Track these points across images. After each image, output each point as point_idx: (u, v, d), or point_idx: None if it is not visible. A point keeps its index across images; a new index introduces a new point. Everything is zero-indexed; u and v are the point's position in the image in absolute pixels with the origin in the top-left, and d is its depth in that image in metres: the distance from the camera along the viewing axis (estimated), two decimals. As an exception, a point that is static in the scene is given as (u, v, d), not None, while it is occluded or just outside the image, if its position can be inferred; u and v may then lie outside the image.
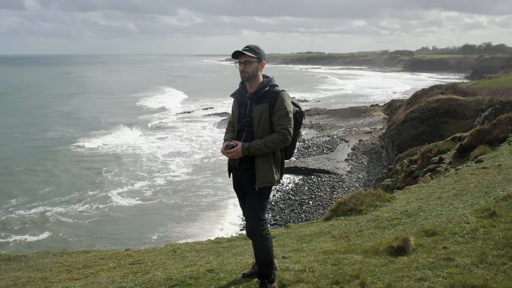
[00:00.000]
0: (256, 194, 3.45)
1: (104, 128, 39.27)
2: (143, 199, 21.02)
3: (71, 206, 19.85)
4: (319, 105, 53.66)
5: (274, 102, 3.41)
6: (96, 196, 21.15)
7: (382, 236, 4.99)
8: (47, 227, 17.59)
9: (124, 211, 19.46)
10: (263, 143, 3.34)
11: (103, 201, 20.46)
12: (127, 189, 22.30)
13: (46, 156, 28.84)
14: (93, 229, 17.52)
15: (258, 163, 3.42)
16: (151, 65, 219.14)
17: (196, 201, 20.76)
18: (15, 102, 58.41)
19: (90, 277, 5.07)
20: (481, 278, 3.17)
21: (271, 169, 3.44)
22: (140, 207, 19.95)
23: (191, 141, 34.43)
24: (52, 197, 21.01)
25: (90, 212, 19.15)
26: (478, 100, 25.90)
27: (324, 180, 23.29)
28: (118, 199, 20.81)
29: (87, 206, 19.89)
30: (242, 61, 3.47)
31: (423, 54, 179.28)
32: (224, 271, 4.03)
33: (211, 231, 16.94)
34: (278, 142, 3.36)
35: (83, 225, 17.87)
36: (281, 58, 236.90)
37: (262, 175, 3.41)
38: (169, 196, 21.48)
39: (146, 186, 22.96)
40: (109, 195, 21.24)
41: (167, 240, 15.64)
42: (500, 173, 7.34)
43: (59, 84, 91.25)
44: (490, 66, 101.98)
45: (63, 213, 18.92)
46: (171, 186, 23.10)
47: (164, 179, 24.27)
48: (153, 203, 20.46)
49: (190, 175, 25.13)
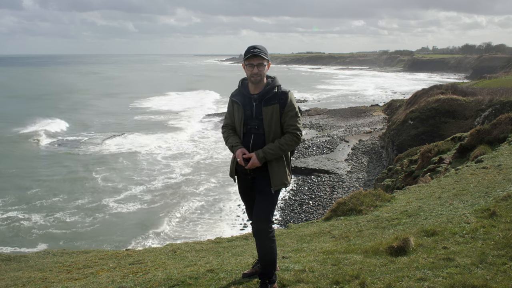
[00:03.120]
0: (268, 195, 3.42)
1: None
2: (143, 199, 21.02)
3: (72, 206, 19.86)
4: (319, 105, 53.66)
5: (284, 103, 3.37)
6: (96, 196, 21.15)
7: (382, 236, 4.99)
8: (47, 227, 17.59)
9: (124, 211, 19.45)
10: (278, 147, 3.31)
11: (103, 201, 20.46)
12: (127, 190, 22.29)
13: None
14: (93, 229, 17.52)
15: (272, 166, 3.39)
16: (159, 65, 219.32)
17: (196, 201, 20.76)
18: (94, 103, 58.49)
19: (90, 277, 5.07)
20: (481, 278, 3.17)
21: (285, 171, 3.43)
22: (140, 207, 19.94)
23: (194, 142, 34.47)
24: (53, 197, 21.02)
25: (90, 212, 19.14)
26: (478, 100, 25.90)
27: (324, 180, 23.29)
28: (118, 199, 20.81)
29: (87, 206, 19.90)
30: (255, 64, 3.34)
31: (423, 54, 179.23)
32: (224, 271, 4.03)
33: (211, 231, 16.95)
34: (292, 143, 3.35)
35: (83, 225, 17.87)
36: (281, 58, 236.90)
37: (278, 177, 3.39)
38: (169, 196, 21.48)
39: (147, 186, 22.95)
40: (109, 196, 21.24)
41: (167, 240, 15.64)
42: (500, 173, 7.34)
43: (98, 84, 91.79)
44: (490, 66, 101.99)
45: (64, 213, 18.93)
46: (171, 186, 23.09)
47: (164, 179, 24.26)
48: (153, 203, 20.45)
49: (191, 175, 25.13)
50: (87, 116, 47.91)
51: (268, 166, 3.39)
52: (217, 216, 18.83)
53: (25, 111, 48.97)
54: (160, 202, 20.64)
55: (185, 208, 19.78)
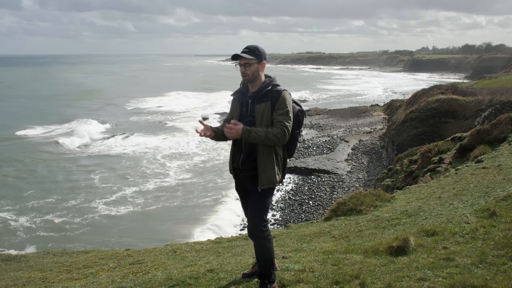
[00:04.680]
0: (259, 195, 3.45)
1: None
2: (144, 199, 21.01)
3: (72, 206, 19.86)
4: (319, 105, 53.67)
5: (276, 101, 3.41)
6: (96, 197, 21.15)
7: (382, 236, 4.99)
8: (47, 227, 17.59)
9: (124, 212, 19.45)
10: (264, 133, 3.29)
11: (103, 202, 20.46)
12: (128, 190, 22.29)
13: (37, 156, 28.86)
14: (93, 229, 17.51)
15: (260, 164, 3.41)
16: (165, 65, 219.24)
17: (196, 201, 20.76)
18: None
19: (90, 277, 5.07)
20: (481, 278, 3.17)
21: (273, 170, 3.43)
22: (140, 208, 19.94)
23: (193, 142, 34.48)
24: (53, 198, 21.02)
25: (90, 212, 19.14)
26: (478, 100, 25.90)
27: (324, 180, 23.29)
28: (118, 200, 20.81)
29: (87, 206, 19.90)
30: (242, 63, 3.46)
31: (423, 54, 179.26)
32: (224, 271, 4.03)
33: (211, 231, 16.94)
34: (278, 135, 3.31)
35: (84, 225, 17.86)
36: (281, 58, 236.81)
37: (265, 176, 3.41)
38: (169, 196, 21.47)
39: (147, 187, 22.96)
40: (109, 196, 21.24)
41: (167, 240, 15.63)
42: (500, 173, 7.34)
43: (119, 84, 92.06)
44: (490, 66, 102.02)
45: (64, 214, 18.92)
46: (172, 186, 23.09)
47: (164, 180, 24.26)
48: (154, 204, 20.45)
49: (191, 175, 25.13)
50: (118, 116, 48.06)
51: (257, 163, 3.41)
52: (218, 216, 18.81)
53: (55, 110, 49.66)
54: (161, 202, 20.64)
55: (186, 208, 19.78)
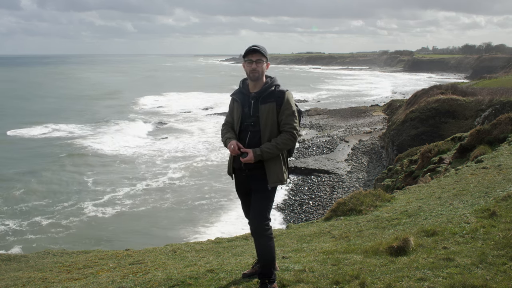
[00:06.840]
0: (265, 193, 3.44)
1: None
2: (144, 199, 21.02)
3: (72, 206, 19.85)
4: (319, 105, 53.67)
5: (281, 101, 3.41)
6: (96, 197, 21.15)
7: (382, 236, 4.98)
8: (47, 227, 17.59)
9: (124, 212, 19.45)
10: (275, 147, 3.33)
11: (103, 202, 20.46)
12: (128, 190, 22.30)
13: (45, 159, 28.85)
14: (93, 229, 17.52)
15: (268, 163, 3.41)
16: (171, 65, 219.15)
17: (197, 201, 20.76)
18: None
19: (90, 277, 5.07)
20: (481, 278, 3.17)
21: (281, 168, 3.45)
22: (140, 208, 19.95)
23: (193, 142, 34.47)
24: (53, 197, 21.02)
25: (90, 213, 19.14)
26: (478, 100, 25.89)
27: (324, 180, 23.28)
28: (118, 200, 20.81)
29: (87, 206, 19.89)
30: (254, 60, 3.41)
31: (423, 54, 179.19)
32: (224, 271, 4.03)
33: (211, 231, 16.94)
34: (288, 142, 3.37)
35: (84, 225, 17.87)
36: (281, 58, 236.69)
37: (274, 174, 3.41)
38: (169, 196, 21.47)
39: (147, 187, 22.96)
40: (109, 196, 21.24)
41: (167, 240, 15.63)
42: (500, 173, 7.34)
43: (144, 82, 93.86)
44: (490, 66, 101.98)
45: (64, 214, 18.92)
46: (172, 187, 23.10)
47: (164, 180, 24.26)
48: (154, 204, 20.46)
49: (191, 176, 25.13)
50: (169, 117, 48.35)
51: (264, 162, 3.41)
52: (218, 216, 18.82)
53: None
54: (160, 202, 20.64)
55: (186, 209, 19.78)
